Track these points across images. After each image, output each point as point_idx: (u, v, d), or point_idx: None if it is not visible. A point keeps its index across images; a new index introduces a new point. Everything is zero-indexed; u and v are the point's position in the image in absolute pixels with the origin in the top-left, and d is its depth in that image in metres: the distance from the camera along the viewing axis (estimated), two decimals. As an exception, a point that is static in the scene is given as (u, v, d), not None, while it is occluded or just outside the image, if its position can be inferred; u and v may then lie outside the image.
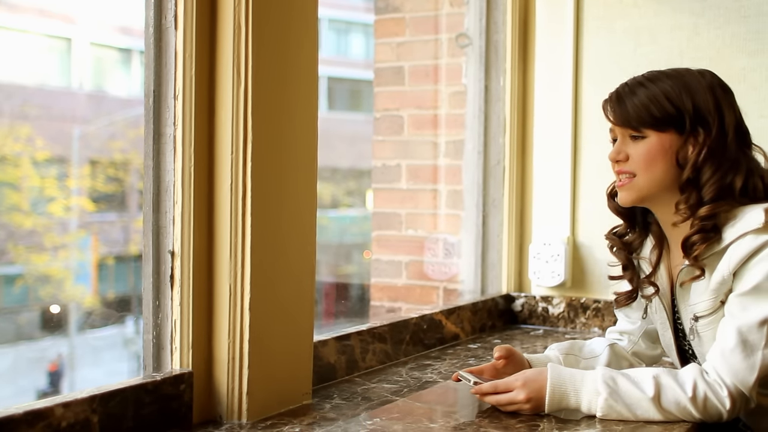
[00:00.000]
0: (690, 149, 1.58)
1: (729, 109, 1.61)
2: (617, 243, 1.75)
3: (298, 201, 1.65)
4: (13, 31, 10.20)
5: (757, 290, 1.52)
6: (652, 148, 1.60)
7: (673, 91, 1.59)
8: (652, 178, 1.61)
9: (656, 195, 1.62)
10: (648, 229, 1.73)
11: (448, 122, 2.75)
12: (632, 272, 1.75)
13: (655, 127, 1.59)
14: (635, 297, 1.77)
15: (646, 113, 1.59)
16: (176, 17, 1.52)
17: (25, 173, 9.49)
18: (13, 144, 9.86)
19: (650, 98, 1.59)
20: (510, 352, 1.74)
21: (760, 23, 2.34)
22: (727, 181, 1.57)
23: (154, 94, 1.55)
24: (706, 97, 1.59)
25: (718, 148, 1.58)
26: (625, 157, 1.63)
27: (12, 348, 9.23)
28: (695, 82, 1.61)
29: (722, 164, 1.58)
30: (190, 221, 1.53)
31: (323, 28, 15.87)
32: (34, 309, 9.55)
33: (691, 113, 1.58)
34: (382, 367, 1.99)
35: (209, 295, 1.56)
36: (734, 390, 1.52)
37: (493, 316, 2.51)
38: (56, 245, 9.18)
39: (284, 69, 1.60)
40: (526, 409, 1.58)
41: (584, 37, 2.53)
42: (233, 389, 1.55)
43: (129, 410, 1.41)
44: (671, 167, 1.60)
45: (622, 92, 1.63)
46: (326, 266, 12.83)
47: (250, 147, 1.53)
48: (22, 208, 9.36)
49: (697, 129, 1.58)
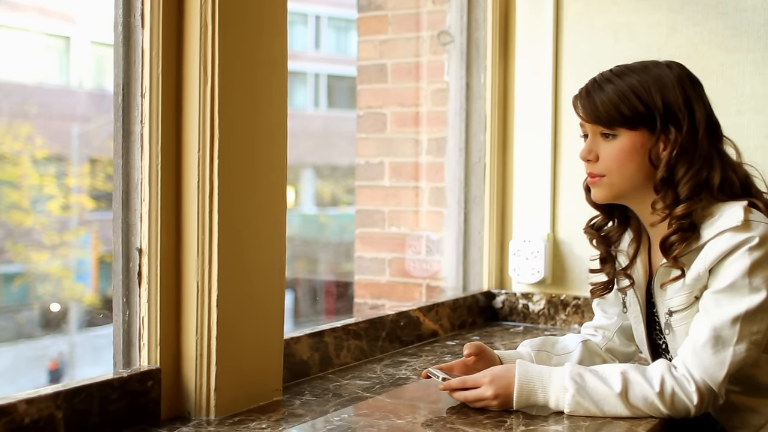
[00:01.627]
0: (662, 147, 1.58)
1: (699, 103, 1.60)
2: (595, 236, 1.75)
3: (266, 198, 1.65)
4: (12, 30, 10.23)
5: (732, 288, 1.52)
6: (623, 148, 1.59)
7: (642, 87, 1.58)
8: (623, 178, 1.60)
9: (631, 193, 1.62)
10: (627, 222, 1.73)
11: (431, 119, 2.76)
12: (611, 265, 1.74)
13: (626, 126, 1.58)
14: (610, 288, 1.76)
15: (615, 111, 1.58)
16: (143, 16, 1.53)
17: (25, 171, 9.51)
18: (12, 142, 9.89)
19: (619, 95, 1.58)
20: (480, 348, 1.74)
21: (737, 20, 2.34)
22: (702, 177, 1.57)
23: (123, 92, 1.56)
24: (676, 92, 1.58)
25: (690, 144, 1.57)
26: (595, 157, 1.62)
27: (12, 346, 9.26)
28: (664, 75, 1.60)
29: (695, 161, 1.57)
30: (158, 219, 1.53)
31: (323, 26, 15.87)
32: (34, 307, 9.57)
33: (661, 111, 1.57)
34: (357, 364, 1.99)
35: (177, 292, 1.57)
36: (702, 385, 1.52)
37: (474, 313, 2.52)
38: (56, 243, 9.20)
39: (252, 66, 1.61)
40: (494, 406, 1.58)
41: (564, 33, 2.54)
42: (201, 386, 1.56)
43: (95, 407, 1.42)
44: (644, 166, 1.59)
45: (591, 88, 1.62)
46: (326, 264, 12.85)
47: (216, 144, 1.54)
48: (22, 206, 9.38)
49: (668, 127, 1.57)
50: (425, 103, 2.76)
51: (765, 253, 1.51)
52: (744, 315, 1.51)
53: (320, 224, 13.66)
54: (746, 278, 1.51)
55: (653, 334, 1.73)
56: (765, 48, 2.31)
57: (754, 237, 1.51)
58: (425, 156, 2.77)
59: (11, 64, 10.40)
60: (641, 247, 1.71)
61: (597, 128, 1.62)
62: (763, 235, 1.52)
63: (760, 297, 1.51)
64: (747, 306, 1.51)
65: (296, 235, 14.05)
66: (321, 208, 13.99)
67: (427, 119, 2.77)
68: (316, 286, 12.51)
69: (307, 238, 13.85)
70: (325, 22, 15.85)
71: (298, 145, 14.33)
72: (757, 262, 1.51)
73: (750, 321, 1.52)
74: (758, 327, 1.52)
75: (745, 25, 2.33)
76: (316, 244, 13.34)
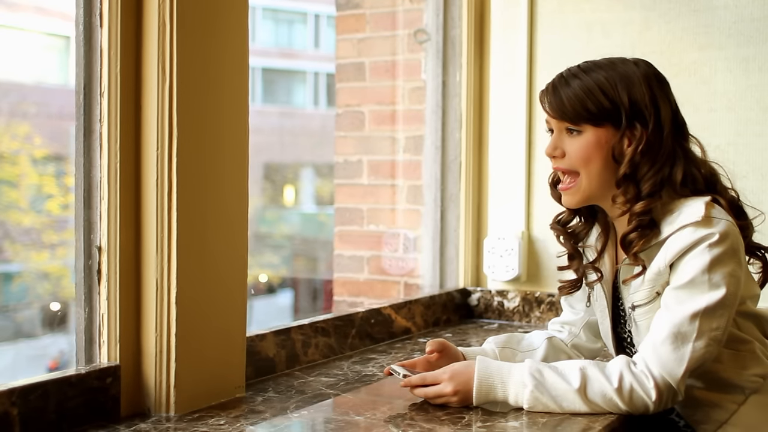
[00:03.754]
0: (626, 144, 1.58)
1: (665, 101, 1.60)
2: (561, 232, 1.75)
3: (227, 195, 1.66)
4: (11, 29, 10.25)
5: (691, 284, 1.52)
6: (588, 144, 1.59)
7: (609, 83, 1.58)
8: (591, 176, 1.60)
9: (599, 191, 1.62)
10: (594, 217, 1.73)
11: (408, 118, 2.77)
12: (579, 261, 1.74)
13: (591, 122, 1.58)
14: (579, 286, 1.77)
15: (581, 107, 1.58)
16: (101, 15, 1.54)
17: (24, 171, 9.53)
18: (11, 142, 9.91)
19: (585, 91, 1.58)
20: (443, 345, 1.75)
21: (709, 17, 2.34)
22: (665, 174, 1.57)
23: (84, 91, 1.57)
24: (642, 89, 1.58)
25: (656, 142, 1.57)
26: (561, 154, 1.62)
27: (12, 346, 9.28)
28: (630, 72, 1.59)
29: (659, 159, 1.57)
30: (116, 217, 1.54)
31: (323, 25, 15.88)
32: (34, 307, 9.59)
33: (627, 107, 1.57)
34: (325, 361, 2.00)
35: (137, 290, 1.58)
36: (661, 382, 1.52)
37: (449, 311, 2.53)
38: (54, 243, 9.21)
39: (212, 65, 1.62)
40: (454, 402, 1.59)
41: (538, 31, 2.54)
42: (161, 382, 1.57)
43: (51, 404, 1.43)
44: (608, 162, 1.59)
45: (558, 84, 1.62)
46: (325, 263, 12.85)
47: (175, 143, 1.55)
48: (21, 205, 9.41)
49: (634, 123, 1.57)
50: (403, 101, 2.77)
51: (725, 249, 1.52)
52: (703, 311, 1.51)
53: (320, 223, 13.67)
54: (706, 274, 1.51)
55: (618, 327, 1.73)
56: (736, 45, 2.31)
57: (714, 234, 1.51)
58: (403, 154, 2.78)
59: (10, 64, 10.43)
60: (609, 241, 1.72)
61: (562, 124, 1.62)
62: (724, 231, 1.52)
63: (720, 293, 1.51)
64: (706, 302, 1.51)
65: (296, 234, 14.08)
66: (320, 207, 14.01)
67: (404, 117, 2.78)
68: (316, 285, 12.52)
69: (307, 237, 13.87)
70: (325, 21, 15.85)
71: (297, 144, 14.36)
72: (716, 258, 1.51)
73: (709, 317, 1.52)
74: (718, 323, 1.52)
75: (716, 23, 2.33)
76: (315, 243, 13.36)
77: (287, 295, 13.10)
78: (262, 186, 14.64)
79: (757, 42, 2.29)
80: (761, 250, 1.67)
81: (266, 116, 15.01)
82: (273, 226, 14.05)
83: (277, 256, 13.77)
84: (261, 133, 14.56)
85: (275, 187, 14.62)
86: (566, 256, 1.77)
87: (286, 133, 14.45)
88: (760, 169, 2.30)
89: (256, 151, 5.92)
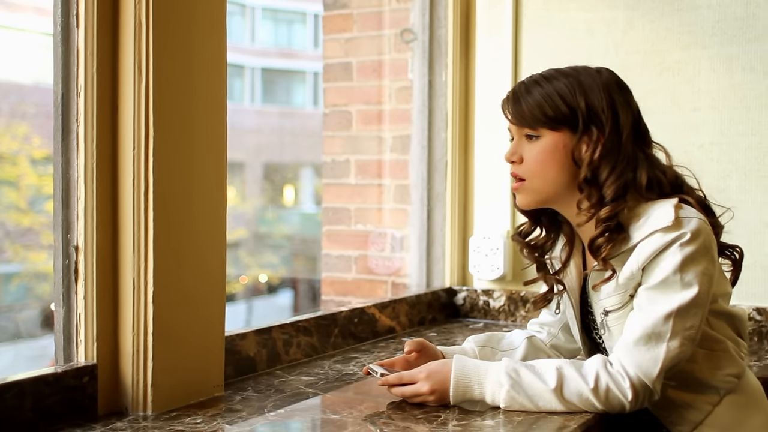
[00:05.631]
0: (584, 148, 1.58)
1: (624, 107, 1.60)
2: (523, 244, 1.74)
3: (205, 194, 1.67)
4: (10, 30, 10.26)
5: (664, 284, 1.52)
6: (546, 148, 1.59)
7: (568, 89, 1.59)
8: (545, 181, 1.60)
9: (556, 196, 1.62)
10: (558, 227, 1.72)
11: (396, 117, 2.77)
12: (546, 273, 1.73)
13: (548, 126, 1.59)
14: (551, 299, 1.77)
15: (539, 112, 1.59)
16: (77, 16, 1.55)
17: (23, 171, 9.54)
18: (10, 142, 9.93)
19: (544, 97, 1.59)
20: (421, 345, 1.75)
21: (692, 16, 2.34)
22: (628, 178, 1.57)
23: (62, 92, 1.58)
24: (601, 95, 1.58)
25: (613, 146, 1.57)
26: (519, 159, 1.63)
27: (12, 346, 9.29)
28: (590, 80, 1.60)
29: (619, 163, 1.57)
30: (93, 216, 1.55)
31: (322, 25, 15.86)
32: (33, 307, 9.59)
33: (584, 112, 1.57)
34: (307, 361, 2.01)
35: (114, 289, 1.58)
36: (637, 381, 1.52)
37: (434, 310, 2.53)
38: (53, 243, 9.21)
39: (188, 64, 1.62)
40: (431, 401, 1.59)
41: (523, 31, 2.54)
42: (138, 381, 1.57)
43: (27, 402, 1.44)
44: (567, 166, 1.59)
45: (519, 92, 1.63)
46: (325, 262, 12.84)
47: (152, 143, 1.56)
48: (20, 206, 9.42)
49: (591, 128, 1.57)
50: (390, 100, 2.78)
51: (697, 247, 1.52)
52: (677, 311, 1.51)
53: (319, 223, 13.66)
54: (678, 274, 1.51)
55: (592, 332, 1.73)
56: (719, 44, 2.31)
57: (685, 233, 1.51)
58: (390, 154, 2.78)
59: (9, 64, 10.43)
60: (574, 250, 1.71)
61: (522, 130, 1.62)
62: (694, 230, 1.52)
63: (692, 292, 1.51)
64: (679, 302, 1.51)
65: (296, 234, 14.08)
66: (320, 207, 13.99)
67: (391, 117, 2.78)
68: (316, 285, 12.52)
69: (307, 237, 13.86)
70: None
71: (297, 144, 14.36)
72: (688, 257, 1.51)
73: (683, 317, 1.52)
74: (691, 322, 1.53)
75: (700, 22, 2.34)
76: (315, 243, 13.35)
77: (287, 295, 13.11)
78: (261, 186, 14.65)
79: (740, 41, 2.29)
80: (730, 249, 1.67)
81: (266, 116, 15.02)
82: (273, 226, 14.06)
83: (277, 256, 13.78)
84: (261, 133, 14.58)
85: (275, 187, 14.63)
86: (535, 268, 1.76)
87: (286, 133, 14.46)
88: (743, 168, 2.30)
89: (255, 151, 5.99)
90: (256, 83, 15.58)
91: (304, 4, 15.23)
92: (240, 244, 13.53)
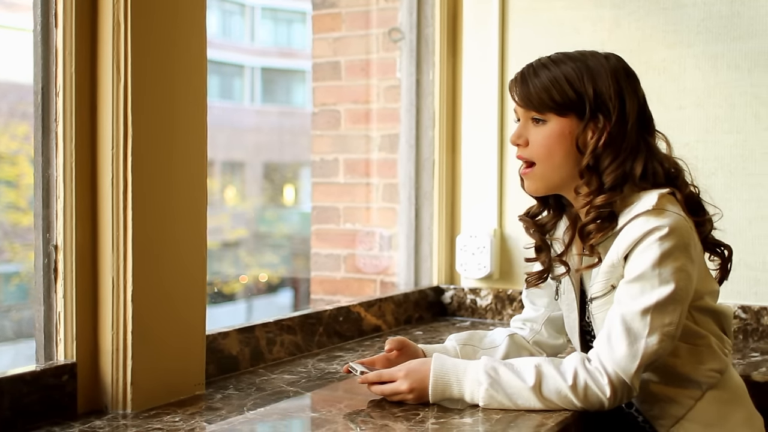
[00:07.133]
0: (590, 135, 1.58)
1: (631, 95, 1.60)
2: (530, 224, 1.75)
3: (184, 194, 1.67)
4: (9, 30, 10.27)
5: (641, 278, 1.52)
6: (552, 133, 1.60)
7: (575, 74, 1.59)
8: (552, 166, 1.61)
9: (562, 181, 1.63)
10: (562, 209, 1.73)
11: (384, 116, 2.78)
12: (546, 254, 1.74)
13: (555, 111, 1.59)
14: (545, 278, 1.76)
15: (547, 96, 1.59)
16: (56, 15, 1.55)
17: (23, 171, 9.54)
18: (9, 142, 9.93)
19: (552, 81, 1.59)
20: (402, 343, 1.75)
21: (678, 15, 2.35)
22: (627, 168, 1.58)
23: (42, 91, 1.58)
24: (608, 82, 1.59)
25: (618, 134, 1.58)
26: (525, 142, 1.64)
27: (12, 346, 9.30)
28: (598, 65, 1.60)
29: (622, 152, 1.58)
30: (72, 216, 1.55)
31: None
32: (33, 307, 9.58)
33: (591, 99, 1.58)
34: (291, 359, 2.01)
35: (93, 288, 1.58)
36: (615, 378, 1.52)
37: (421, 308, 2.53)
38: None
39: (167, 64, 1.63)
40: (410, 399, 1.59)
41: (510, 29, 2.55)
42: (117, 380, 1.58)
43: (5, 401, 1.44)
44: (571, 153, 1.60)
45: (527, 73, 1.64)
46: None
47: (130, 142, 1.56)
48: (20, 206, 9.42)
49: (597, 115, 1.58)
50: (378, 99, 2.78)
51: (674, 244, 1.51)
52: (654, 307, 1.51)
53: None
54: (656, 269, 1.51)
55: (583, 320, 1.73)
56: (704, 43, 2.31)
57: (663, 226, 1.51)
58: (378, 152, 2.79)
59: (8, 64, 10.44)
60: (576, 233, 1.72)
61: (528, 113, 1.63)
62: (673, 225, 1.52)
63: (669, 288, 1.51)
64: (657, 298, 1.51)
65: (296, 234, 14.07)
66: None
67: (379, 116, 2.79)
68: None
69: (306, 236, 13.85)
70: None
71: (297, 143, 14.36)
72: (666, 252, 1.51)
73: (661, 313, 1.52)
74: (670, 319, 1.52)
75: (685, 21, 2.34)
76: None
77: (287, 295, 13.11)
78: (261, 185, 14.65)
79: (725, 39, 2.29)
80: (720, 246, 1.67)
81: (266, 116, 15.02)
82: (273, 225, 14.06)
83: (277, 255, 13.78)
84: (261, 133, 14.58)
85: (275, 187, 14.63)
86: (534, 248, 1.77)
87: (286, 133, 14.45)
88: (728, 166, 2.30)
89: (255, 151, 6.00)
90: (256, 83, 15.57)
91: (304, 4, 15.22)
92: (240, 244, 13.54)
